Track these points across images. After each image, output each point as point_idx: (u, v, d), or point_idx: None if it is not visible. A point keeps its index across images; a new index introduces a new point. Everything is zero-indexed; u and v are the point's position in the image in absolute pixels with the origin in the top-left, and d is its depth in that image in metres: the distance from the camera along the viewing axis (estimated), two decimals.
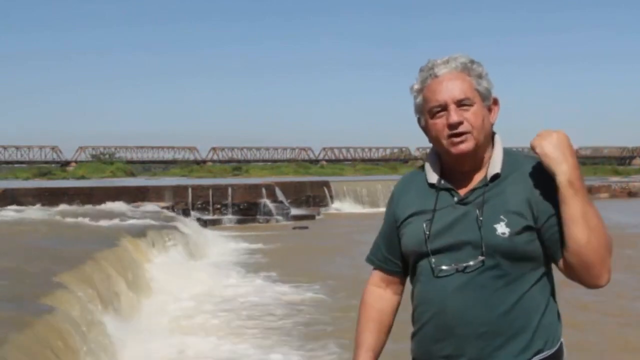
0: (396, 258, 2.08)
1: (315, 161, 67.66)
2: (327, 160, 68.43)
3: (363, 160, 69.00)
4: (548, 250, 1.86)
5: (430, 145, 2.00)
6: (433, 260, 1.90)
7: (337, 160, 69.11)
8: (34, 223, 13.25)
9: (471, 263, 1.84)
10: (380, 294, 2.12)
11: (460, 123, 1.87)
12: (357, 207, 28.02)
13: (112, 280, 7.94)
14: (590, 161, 69.30)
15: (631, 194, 34.80)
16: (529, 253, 1.83)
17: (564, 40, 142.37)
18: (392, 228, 2.08)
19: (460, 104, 1.87)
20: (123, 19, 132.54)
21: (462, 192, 1.92)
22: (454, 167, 1.94)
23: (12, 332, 4.56)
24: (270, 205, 23.86)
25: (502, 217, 1.83)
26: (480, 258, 1.83)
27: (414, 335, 1.99)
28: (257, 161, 68.08)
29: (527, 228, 1.83)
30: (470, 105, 1.88)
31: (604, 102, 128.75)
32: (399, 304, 2.14)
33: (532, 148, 1.83)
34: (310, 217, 24.25)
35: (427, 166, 2.01)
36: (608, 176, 47.06)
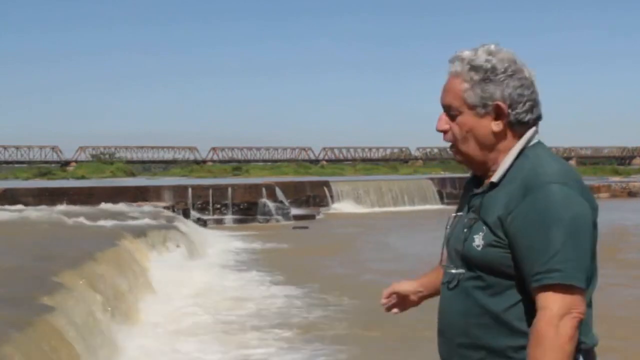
0: None
1: (315, 161, 67.62)
2: (327, 160, 68.39)
3: (363, 160, 68.96)
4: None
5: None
6: (443, 264, 1.95)
7: (337, 160, 69.07)
8: (33, 223, 13.25)
9: (455, 273, 1.84)
10: None
11: (444, 132, 1.85)
12: (357, 207, 28.01)
13: (112, 280, 7.94)
14: (590, 161, 69.34)
15: (631, 194, 34.85)
16: (504, 268, 1.74)
17: (563, 40, 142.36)
18: None
19: (447, 111, 1.84)
20: (123, 19, 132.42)
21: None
22: None
23: (12, 332, 4.56)
24: (270, 205, 23.85)
25: (483, 227, 1.76)
26: (462, 270, 1.82)
27: None
28: (257, 161, 68.03)
29: (499, 243, 1.74)
30: (456, 115, 1.83)
31: (604, 102, 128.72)
32: None
33: None
34: (310, 217, 24.25)
35: None
36: (608, 176, 47.07)
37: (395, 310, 2.21)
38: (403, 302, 2.19)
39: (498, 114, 1.80)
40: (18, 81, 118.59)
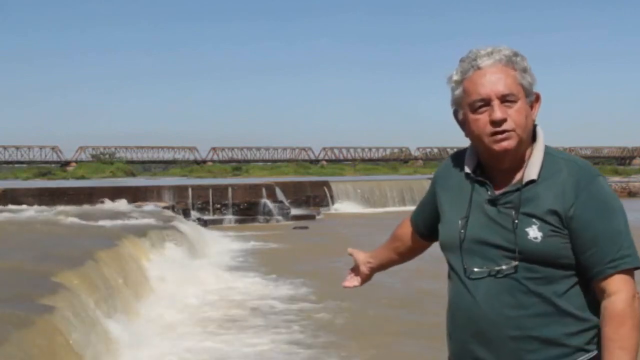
0: (423, 227, 2.18)
1: (315, 161, 67.64)
2: (327, 160, 68.40)
3: (363, 160, 68.97)
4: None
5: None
6: (465, 260, 1.88)
7: (337, 160, 69.08)
8: (33, 223, 13.24)
9: (504, 267, 1.82)
10: (406, 229, 2.28)
11: (504, 120, 1.80)
12: (357, 207, 27.99)
13: (112, 280, 7.94)
14: (590, 161, 68.78)
15: (631, 194, 34.90)
16: (561, 259, 1.80)
17: (563, 40, 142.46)
18: (431, 204, 2.09)
19: (504, 99, 1.81)
20: (123, 19, 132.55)
21: (497, 189, 1.88)
22: (493, 164, 1.89)
23: (12, 332, 4.56)
24: (270, 205, 23.84)
25: (534, 220, 1.79)
26: (514, 263, 1.80)
27: (449, 335, 1.98)
28: (257, 161, 68.05)
29: (558, 234, 1.79)
30: (515, 101, 1.82)
31: (604, 102, 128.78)
32: (415, 247, 2.28)
33: None
34: (310, 217, 24.24)
35: (467, 154, 1.97)
36: (608, 176, 46.82)
37: (350, 283, 2.39)
38: (357, 273, 2.38)
39: (534, 104, 1.89)
40: (18, 81, 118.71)
